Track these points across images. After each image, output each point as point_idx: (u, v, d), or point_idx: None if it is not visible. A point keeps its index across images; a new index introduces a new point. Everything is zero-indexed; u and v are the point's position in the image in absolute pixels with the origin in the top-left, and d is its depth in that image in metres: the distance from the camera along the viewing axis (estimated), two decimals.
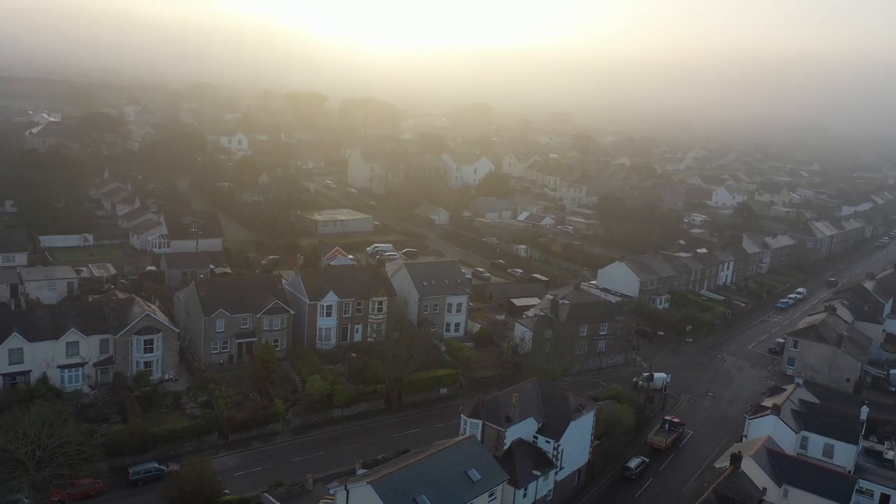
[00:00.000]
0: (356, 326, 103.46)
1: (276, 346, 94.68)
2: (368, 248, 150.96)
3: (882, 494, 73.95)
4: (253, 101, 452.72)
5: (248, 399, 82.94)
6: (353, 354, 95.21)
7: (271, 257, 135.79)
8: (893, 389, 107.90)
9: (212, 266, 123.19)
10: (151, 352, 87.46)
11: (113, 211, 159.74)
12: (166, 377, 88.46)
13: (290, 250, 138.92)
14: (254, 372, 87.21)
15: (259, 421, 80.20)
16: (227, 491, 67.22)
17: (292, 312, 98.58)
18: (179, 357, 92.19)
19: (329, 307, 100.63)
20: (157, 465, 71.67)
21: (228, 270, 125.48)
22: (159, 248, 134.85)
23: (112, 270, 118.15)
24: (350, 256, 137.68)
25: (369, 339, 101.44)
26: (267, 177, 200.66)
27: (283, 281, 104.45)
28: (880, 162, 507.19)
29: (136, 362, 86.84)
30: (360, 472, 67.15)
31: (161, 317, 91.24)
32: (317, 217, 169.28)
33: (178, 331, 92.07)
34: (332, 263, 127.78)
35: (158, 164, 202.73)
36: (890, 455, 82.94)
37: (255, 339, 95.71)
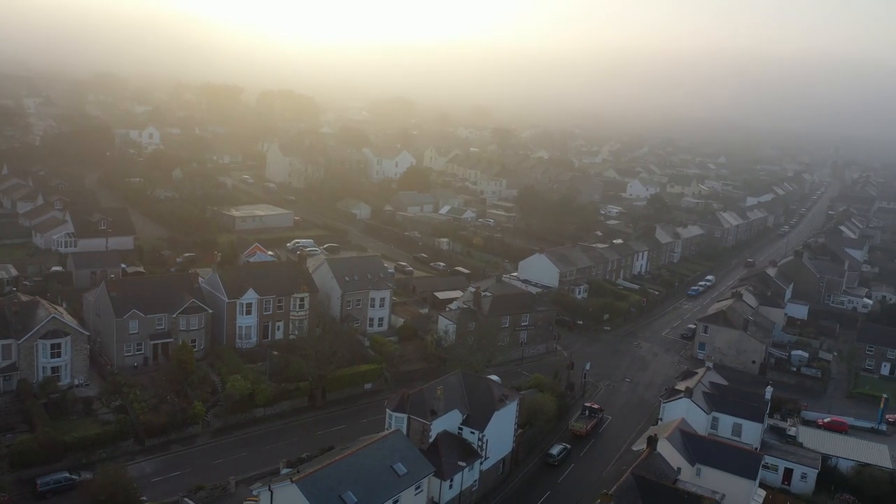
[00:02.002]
0: (277, 324, 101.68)
1: (194, 347, 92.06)
2: (289, 244, 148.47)
3: (785, 469, 78.62)
4: (164, 93, 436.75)
5: (165, 402, 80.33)
6: (275, 352, 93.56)
7: (187, 255, 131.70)
8: (794, 369, 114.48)
9: (123, 265, 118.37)
10: (59, 356, 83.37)
11: (13, 209, 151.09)
12: (76, 383, 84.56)
13: (207, 247, 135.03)
14: (171, 374, 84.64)
15: (177, 424, 77.81)
16: (144, 498, 65.05)
17: (210, 311, 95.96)
18: (90, 361, 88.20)
19: (249, 305, 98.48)
20: (67, 474, 68.45)
21: (141, 269, 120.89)
22: (65, 247, 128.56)
23: (13, 272, 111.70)
24: (270, 253, 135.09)
25: (291, 337, 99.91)
26: (181, 171, 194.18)
27: (200, 279, 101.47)
28: (781, 155, 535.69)
29: (43, 368, 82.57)
30: (285, 471, 66.06)
31: (69, 319, 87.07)
32: (234, 213, 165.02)
33: (87, 334, 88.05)
34: (252, 260, 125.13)
35: (63, 159, 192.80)
36: (792, 431, 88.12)
37: (172, 339, 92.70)
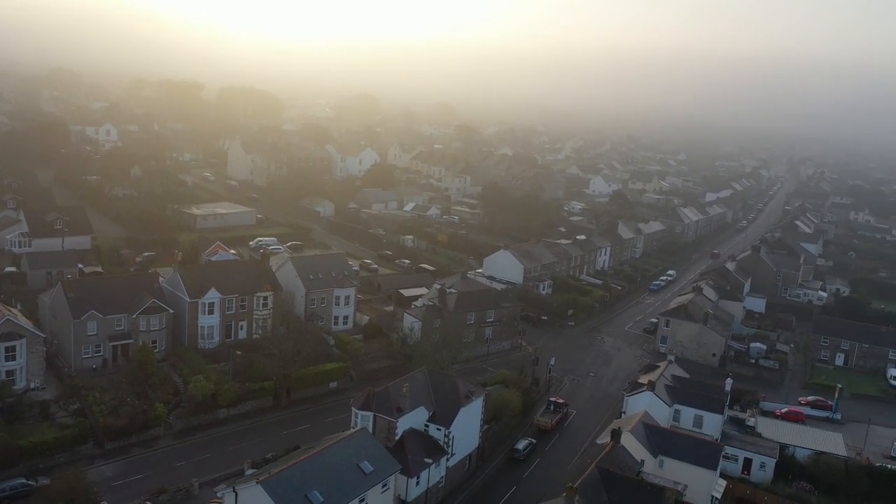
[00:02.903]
0: (241, 323, 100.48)
1: (155, 347, 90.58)
2: (251, 243, 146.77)
3: (745, 458, 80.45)
4: (122, 89, 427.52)
5: (125, 404, 78.84)
6: (238, 352, 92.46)
7: (147, 254, 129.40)
8: (753, 361, 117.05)
9: (81, 265, 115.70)
10: (14, 359, 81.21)
11: None
12: (32, 386, 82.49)
13: (168, 246, 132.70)
14: (131, 375, 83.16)
15: (138, 426, 76.42)
16: (104, 503, 63.74)
17: (171, 311, 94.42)
18: (47, 364, 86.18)
19: (211, 304, 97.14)
20: (24, 480, 66.77)
21: (99, 269, 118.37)
22: (19, 247, 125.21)
23: None
24: (232, 251, 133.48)
25: (255, 336, 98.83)
26: (140, 169, 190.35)
27: (161, 279, 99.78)
28: (739, 151, 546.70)
29: None
30: (249, 472, 65.47)
31: (24, 321, 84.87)
32: (195, 211, 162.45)
33: (43, 336, 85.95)
34: (214, 259, 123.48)
35: (15, 157, 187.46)
36: (751, 422, 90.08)
37: (132, 340, 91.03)
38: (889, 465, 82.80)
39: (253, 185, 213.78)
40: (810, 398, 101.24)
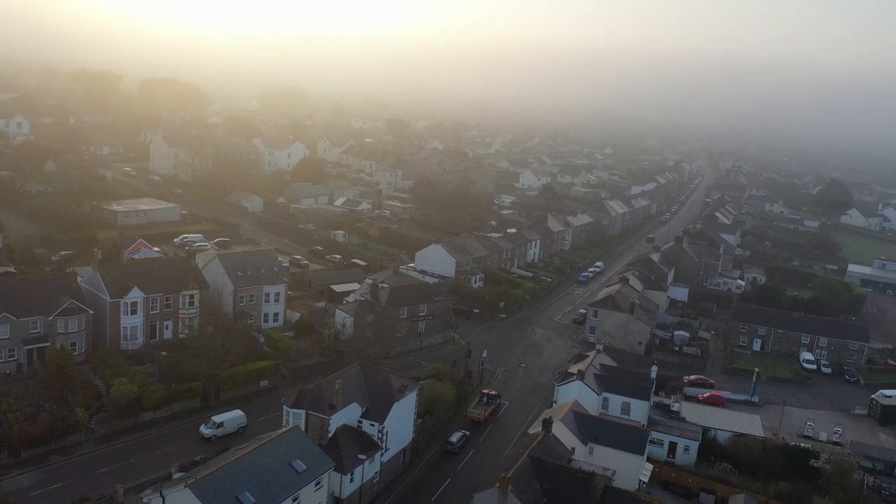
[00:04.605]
0: (166, 323, 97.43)
1: (74, 350, 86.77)
2: (176, 240, 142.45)
3: (670, 442, 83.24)
4: (32, 79, 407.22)
5: (42, 410, 75.28)
6: (164, 353, 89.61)
7: (63, 253, 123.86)
8: (677, 349, 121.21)
9: None
10: None
11: None
12: None
13: (86, 244, 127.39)
14: (48, 380, 79.52)
15: (57, 433, 73.10)
16: None
17: (91, 312, 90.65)
18: None
19: (134, 304, 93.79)
20: None
21: (12, 269, 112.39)
22: None
23: None
24: (156, 249, 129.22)
25: (181, 336, 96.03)
26: (54, 164, 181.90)
27: (79, 278, 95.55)
28: (662, 145, 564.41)
29: None
30: (177, 475, 63.61)
31: None
32: (116, 207, 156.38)
33: None
34: (136, 257, 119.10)
35: None
36: (676, 407, 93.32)
37: (49, 343, 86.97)
38: (802, 444, 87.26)
39: (177, 180, 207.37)
40: (693, 377, 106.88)
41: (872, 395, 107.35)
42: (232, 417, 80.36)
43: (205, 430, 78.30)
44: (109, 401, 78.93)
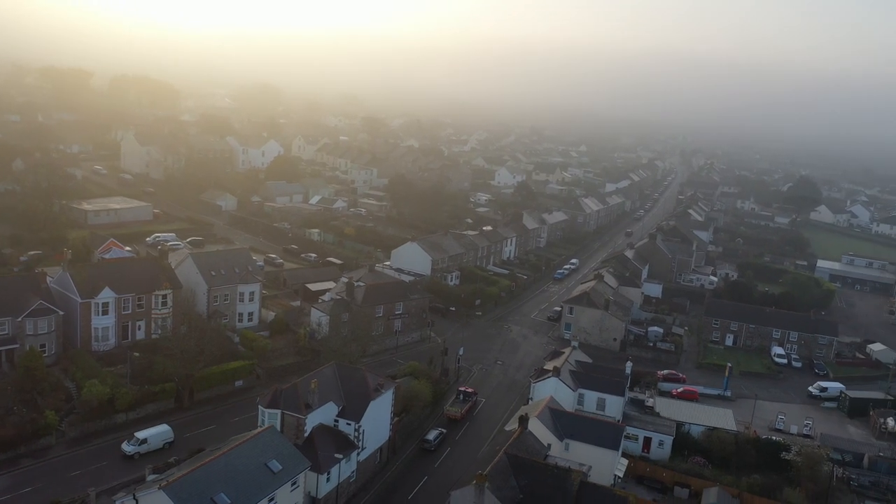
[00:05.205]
0: (138, 323, 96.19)
1: (44, 352, 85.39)
2: (148, 239, 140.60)
3: (645, 437, 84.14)
4: (0, 76, 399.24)
5: (12, 413, 74.01)
6: (137, 354, 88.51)
7: (32, 253, 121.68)
8: (651, 344, 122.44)
9: None
10: None
11: None
12: None
13: (56, 244, 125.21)
14: (17, 382, 78.11)
15: (27, 436, 71.92)
16: None
17: (61, 313, 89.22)
18: None
19: (105, 304, 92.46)
20: None
21: None
22: None
23: None
24: (127, 248, 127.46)
25: (154, 336, 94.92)
26: (22, 162, 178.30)
27: (49, 278, 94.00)
28: (636, 142, 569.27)
29: None
30: (151, 478, 62.84)
31: None
32: (86, 206, 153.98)
33: None
34: (107, 257, 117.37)
35: None
36: (650, 402, 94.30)
37: (18, 345, 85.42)
38: (774, 437, 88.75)
39: (149, 178, 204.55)
40: (664, 372, 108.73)
41: (809, 387, 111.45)
42: (156, 433, 74.92)
43: (127, 448, 72.70)
44: (80, 403, 77.80)
